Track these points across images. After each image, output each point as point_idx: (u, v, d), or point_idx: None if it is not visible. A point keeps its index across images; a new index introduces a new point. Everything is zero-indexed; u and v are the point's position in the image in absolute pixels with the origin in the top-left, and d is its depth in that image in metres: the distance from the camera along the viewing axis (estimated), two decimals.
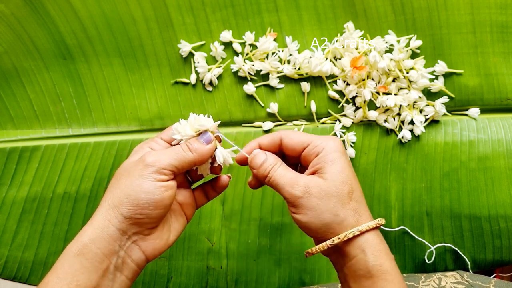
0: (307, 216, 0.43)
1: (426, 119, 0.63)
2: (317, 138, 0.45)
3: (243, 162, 0.48)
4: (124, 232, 0.41)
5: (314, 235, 0.44)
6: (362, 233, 0.42)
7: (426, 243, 0.63)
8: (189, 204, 0.48)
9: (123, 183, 0.42)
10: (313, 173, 0.45)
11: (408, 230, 0.63)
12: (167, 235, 0.45)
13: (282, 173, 0.44)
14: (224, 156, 0.46)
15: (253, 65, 0.63)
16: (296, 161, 0.49)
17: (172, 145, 0.46)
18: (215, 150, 0.46)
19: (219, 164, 0.47)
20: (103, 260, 0.41)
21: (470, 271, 0.63)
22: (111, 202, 0.42)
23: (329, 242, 0.43)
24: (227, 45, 0.64)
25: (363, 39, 0.63)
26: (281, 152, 0.48)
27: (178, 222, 0.47)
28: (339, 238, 0.42)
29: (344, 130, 0.64)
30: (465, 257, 0.63)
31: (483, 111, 0.65)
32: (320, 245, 0.43)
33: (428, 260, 0.63)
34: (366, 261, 0.42)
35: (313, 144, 0.45)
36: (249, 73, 0.64)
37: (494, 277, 0.69)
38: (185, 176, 0.49)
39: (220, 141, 0.47)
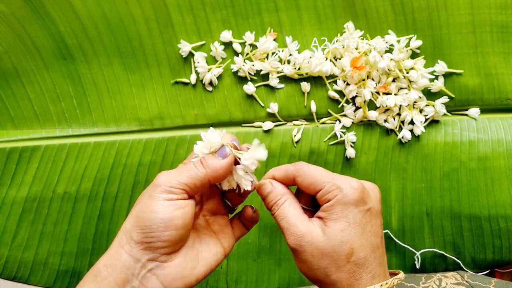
0: (300, 266, 0.41)
1: (426, 119, 0.63)
2: (331, 182, 0.40)
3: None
4: (137, 259, 0.38)
5: (311, 282, 0.42)
6: None
7: (411, 248, 0.63)
8: (225, 233, 0.44)
9: (136, 207, 0.39)
10: (320, 218, 0.40)
11: (391, 235, 0.63)
12: (192, 264, 0.40)
13: (284, 213, 0.41)
14: (246, 163, 0.41)
15: (253, 65, 0.63)
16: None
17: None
18: (233, 163, 0.41)
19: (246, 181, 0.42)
20: None
21: (465, 269, 0.63)
22: (124, 226, 0.39)
23: None
24: (227, 45, 0.64)
25: (363, 39, 0.63)
26: None
27: (210, 252, 0.42)
28: None
29: (344, 130, 0.64)
30: (454, 258, 0.63)
31: (483, 111, 0.65)
32: None
33: (417, 266, 0.63)
34: None
35: (326, 189, 0.40)
36: (249, 73, 0.64)
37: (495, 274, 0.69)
38: (222, 201, 0.46)
39: (237, 148, 0.43)
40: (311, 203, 0.44)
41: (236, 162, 0.42)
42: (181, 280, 0.39)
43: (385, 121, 0.64)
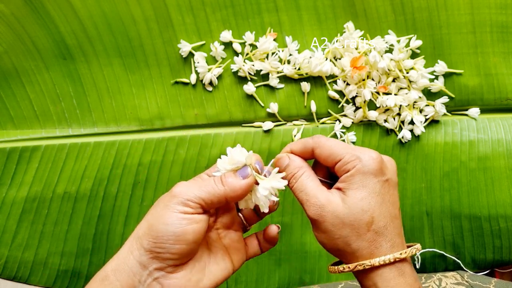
0: (321, 236, 0.41)
1: (426, 119, 0.63)
2: (350, 153, 0.40)
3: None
4: (144, 267, 0.38)
5: (330, 253, 0.42)
6: (375, 267, 0.39)
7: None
8: (236, 249, 0.43)
9: (150, 214, 0.39)
10: (339, 189, 0.41)
11: None
12: (198, 277, 0.40)
13: (303, 186, 0.41)
14: (264, 194, 0.40)
15: (253, 65, 0.63)
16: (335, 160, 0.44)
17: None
18: (253, 184, 0.41)
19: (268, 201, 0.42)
20: None
21: (465, 269, 0.63)
22: (137, 232, 0.39)
23: (340, 268, 0.41)
24: (227, 45, 0.64)
25: (363, 39, 0.63)
26: None
27: (218, 267, 0.42)
28: (349, 267, 0.40)
29: (344, 130, 0.64)
30: (454, 258, 0.63)
31: (483, 111, 0.65)
32: (334, 267, 0.42)
33: (417, 266, 0.62)
34: None
35: (345, 160, 0.40)
36: (249, 73, 0.64)
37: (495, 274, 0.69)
38: (238, 217, 0.45)
39: (260, 173, 0.42)
40: (328, 176, 0.44)
41: (257, 182, 0.41)
42: None
43: (385, 121, 0.64)
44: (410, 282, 0.39)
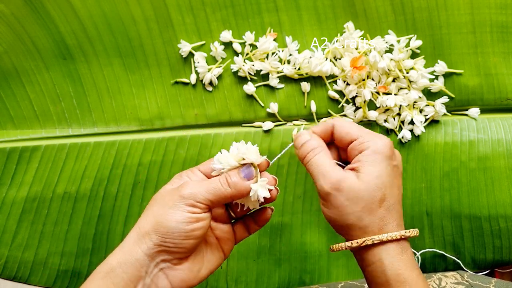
0: (332, 212, 0.42)
1: (426, 119, 0.63)
2: (367, 134, 0.44)
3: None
4: (152, 259, 0.40)
5: (336, 231, 0.44)
6: (382, 242, 0.41)
7: (411, 249, 0.63)
8: (227, 239, 0.46)
9: (157, 210, 0.41)
10: (353, 169, 0.43)
11: None
12: (198, 267, 0.43)
13: (320, 161, 0.43)
14: (258, 190, 0.43)
15: (253, 65, 0.63)
16: (346, 156, 0.47)
17: (212, 176, 0.44)
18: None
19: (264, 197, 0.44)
20: (128, 285, 0.40)
21: (465, 269, 0.63)
22: (143, 227, 0.41)
23: (347, 244, 0.42)
24: (227, 45, 0.64)
25: (363, 39, 0.63)
26: (335, 147, 0.48)
27: (213, 256, 0.45)
28: (357, 242, 0.42)
29: None
30: (454, 258, 0.63)
31: (483, 111, 0.65)
32: (339, 245, 0.43)
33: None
34: (384, 269, 0.41)
35: (360, 140, 0.43)
36: (249, 73, 0.64)
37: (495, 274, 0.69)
38: (226, 210, 0.47)
39: (262, 170, 0.44)
40: (340, 160, 0.47)
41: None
42: (187, 282, 0.42)
43: (385, 121, 0.64)
44: (411, 259, 0.42)
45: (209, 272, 0.44)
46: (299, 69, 0.63)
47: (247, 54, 0.63)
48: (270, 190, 0.44)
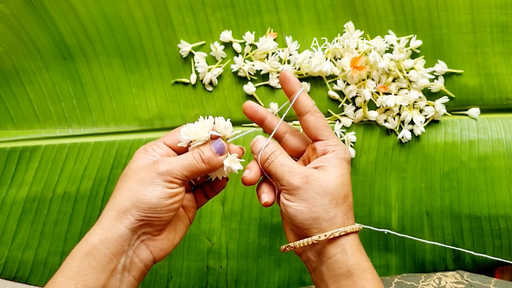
0: (300, 206, 0.44)
1: (426, 119, 0.63)
2: (333, 138, 0.47)
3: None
4: (134, 232, 0.42)
5: (298, 226, 0.45)
6: (346, 234, 0.44)
7: (411, 239, 0.63)
8: (191, 206, 0.49)
9: (134, 187, 0.43)
10: (315, 168, 0.46)
11: (392, 232, 0.63)
12: (173, 235, 0.46)
13: (283, 161, 0.45)
14: (231, 165, 0.45)
15: (253, 65, 0.63)
16: (298, 154, 0.50)
17: (178, 147, 0.46)
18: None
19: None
20: (112, 260, 0.41)
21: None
22: (122, 204, 0.42)
23: (315, 238, 0.44)
24: (227, 45, 0.64)
25: (363, 39, 0.63)
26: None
27: (182, 224, 0.48)
28: (325, 235, 0.43)
29: (344, 130, 0.64)
30: (465, 251, 0.63)
31: (483, 111, 0.65)
32: (305, 240, 0.44)
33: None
34: (346, 260, 0.43)
35: (327, 142, 0.46)
36: (249, 73, 0.64)
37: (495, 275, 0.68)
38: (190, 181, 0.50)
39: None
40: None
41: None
42: (165, 250, 0.45)
43: (385, 121, 0.64)
44: (364, 251, 0.45)
45: (180, 239, 0.47)
46: (299, 69, 0.63)
47: (247, 54, 0.63)
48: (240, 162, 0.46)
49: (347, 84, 0.63)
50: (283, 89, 0.49)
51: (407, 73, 0.62)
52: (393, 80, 0.63)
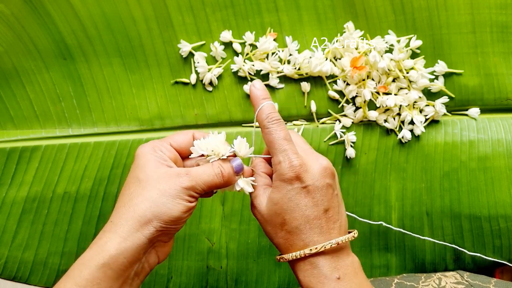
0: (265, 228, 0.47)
1: (426, 119, 0.63)
2: (280, 155, 0.44)
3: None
4: (151, 241, 0.43)
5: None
6: (293, 260, 0.44)
7: (411, 234, 0.63)
8: None
9: (158, 199, 0.42)
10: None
11: (385, 224, 0.63)
12: (172, 241, 0.48)
13: (255, 187, 0.47)
14: (244, 186, 0.46)
15: (253, 65, 0.63)
16: None
17: (183, 151, 0.47)
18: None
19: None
20: (127, 269, 0.42)
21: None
22: (144, 215, 0.42)
23: (279, 256, 0.46)
24: (227, 45, 0.64)
25: (363, 39, 0.63)
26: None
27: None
28: (278, 258, 0.46)
29: (344, 130, 0.64)
30: (465, 251, 0.63)
31: (483, 111, 0.65)
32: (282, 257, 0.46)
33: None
34: (302, 282, 0.44)
35: (273, 160, 0.45)
36: (249, 73, 0.64)
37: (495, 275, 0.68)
38: None
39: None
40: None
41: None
42: (168, 253, 0.47)
43: (385, 121, 0.64)
44: (324, 272, 0.43)
45: (173, 242, 0.48)
46: (299, 69, 0.63)
47: (247, 54, 0.63)
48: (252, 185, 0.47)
49: (347, 84, 0.63)
50: None
51: (407, 73, 0.62)
52: (393, 80, 0.63)
